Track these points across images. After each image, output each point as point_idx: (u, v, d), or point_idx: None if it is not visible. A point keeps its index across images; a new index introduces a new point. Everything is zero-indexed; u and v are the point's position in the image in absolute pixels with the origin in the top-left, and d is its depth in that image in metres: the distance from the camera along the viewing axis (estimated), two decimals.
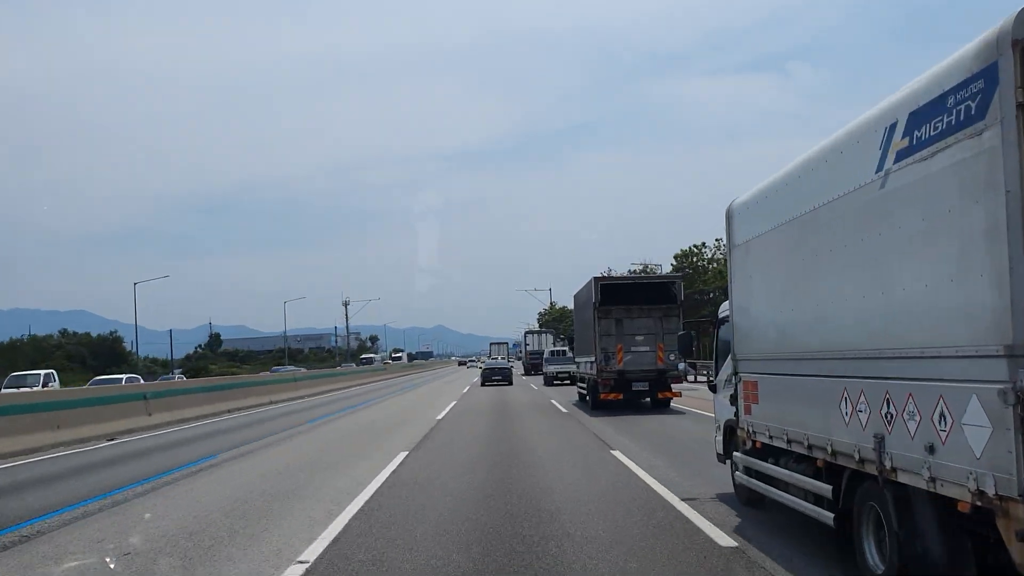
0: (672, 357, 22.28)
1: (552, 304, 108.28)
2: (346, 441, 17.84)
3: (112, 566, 7.36)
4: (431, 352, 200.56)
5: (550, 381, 45.04)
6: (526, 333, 71.95)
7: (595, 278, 22.60)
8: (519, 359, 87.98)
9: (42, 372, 37.73)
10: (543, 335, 69.78)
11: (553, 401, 30.71)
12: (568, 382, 44.00)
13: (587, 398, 27.70)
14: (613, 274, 69.24)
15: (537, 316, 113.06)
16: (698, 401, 25.15)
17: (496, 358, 69.02)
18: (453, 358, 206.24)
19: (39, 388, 31.61)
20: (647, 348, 22.27)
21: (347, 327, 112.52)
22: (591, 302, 22.57)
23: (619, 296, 22.67)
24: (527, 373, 64.54)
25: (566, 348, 53.02)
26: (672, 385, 22.89)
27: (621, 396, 22.55)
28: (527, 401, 30.62)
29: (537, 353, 62.29)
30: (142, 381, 35.04)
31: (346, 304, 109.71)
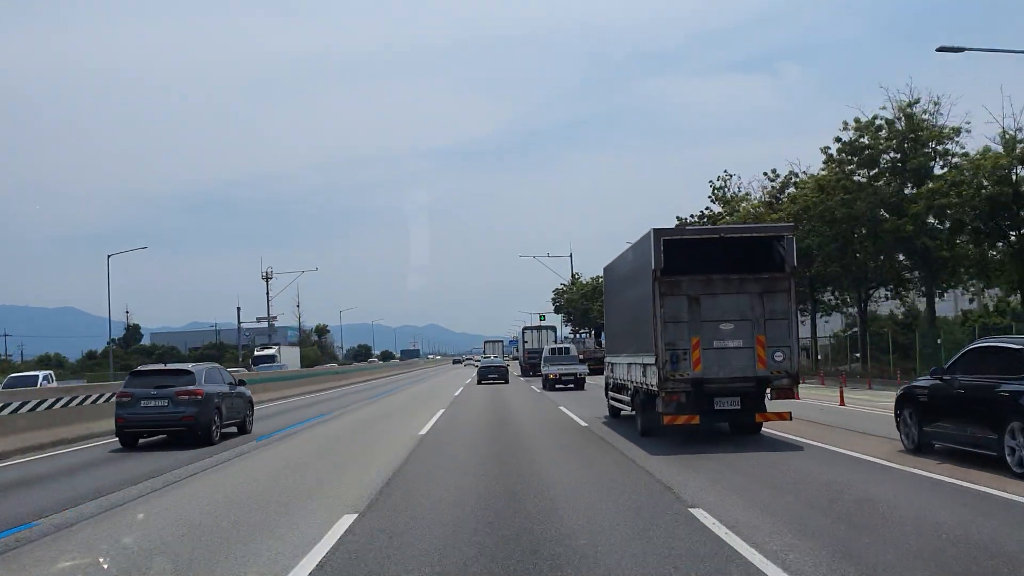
0: (779, 356, 13.94)
1: (575, 277, 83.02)
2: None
3: None
4: (418, 351, 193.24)
5: (551, 384, 36.68)
6: (524, 329, 63.77)
7: (655, 231, 14.17)
8: (515, 359, 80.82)
9: None
10: (543, 332, 61.91)
11: (566, 411, 22.37)
12: (572, 386, 35.80)
13: (622, 413, 19.38)
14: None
15: (551, 296, 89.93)
16: (805, 427, 16.74)
17: (490, 357, 64.10)
18: (432, 356, 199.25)
19: None
20: (739, 342, 13.92)
21: (268, 308, 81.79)
22: (648, 270, 14.22)
23: (694, 260, 14.32)
24: (525, 374, 56.99)
25: (569, 345, 44.66)
26: (773, 401, 14.58)
27: (697, 419, 14.18)
28: (535, 415, 22.22)
29: (536, 352, 54.47)
30: None
31: (267, 278, 79.63)
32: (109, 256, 56.45)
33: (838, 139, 38.92)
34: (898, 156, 37.71)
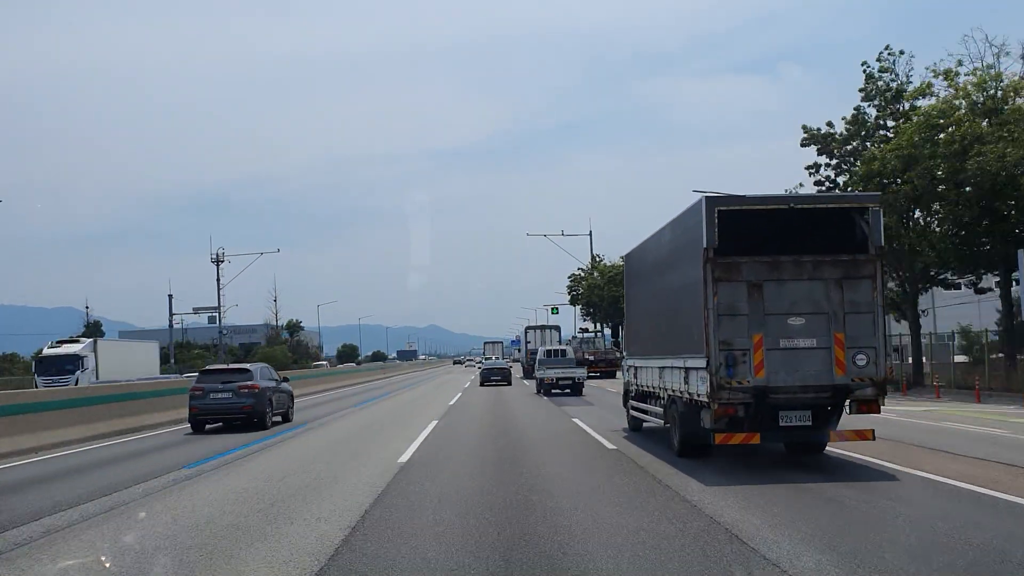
0: (862, 360, 11.01)
1: (596, 259, 68.48)
2: None
3: None
4: (415, 351, 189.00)
5: (546, 389, 33.51)
6: (527, 329, 60.60)
7: (708, 199, 11.21)
8: (516, 360, 77.92)
9: None
10: (547, 331, 58.74)
11: (578, 422, 19.36)
12: (568, 391, 32.65)
13: (645, 426, 16.55)
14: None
15: (567, 283, 75.18)
16: (883, 447, 13.67)
17: (492, 358, 61.32)
18: (424, 357, 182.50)
19: None
20: (812, 341, 11.00)
21: (218, 297, 64.54)
22: (696, 250, 11.32)
23: (755, 238, 11.47)
24: (527, 376, 54.17)
25: (566, 347, 41.50)
26: (851, 413, 11.64)
27: (758, 438, 11.24)
28: (546, 429, 19.32)
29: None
30: None
31: (218, 260, 63.58)
32: None
33: None
34: None
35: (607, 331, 70.40)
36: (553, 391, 33.25)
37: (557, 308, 73.53)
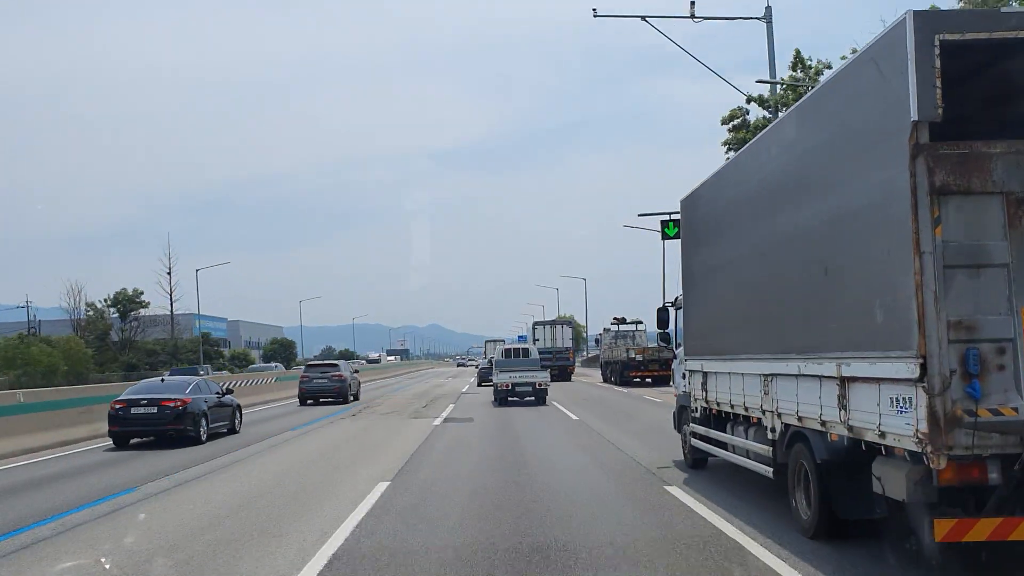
0: None
1: (801, 62, 25.73)
2: None
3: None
4: (407, 350, 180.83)
5: (502, 397, 26.87)
6: (534, 324, 54.00)
7: (917, 15, 5.31)
8: None
9: None
10: (558, 328, 52.09)
11: (630, 453, 13.18)
12: (532, 398, 26.34)
13: (700, 455, 10.70)
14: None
15: (726, 136, 28.43)
16: None
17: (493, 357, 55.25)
18: (376, 356, 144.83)
19: None
20: None
21: None
22: (892, 131, 5.42)
23: (1005, 107, 5.58)
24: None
25: (527, 345, 33.91)
26: None
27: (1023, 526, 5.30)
28: (579, 476, 13.38)
29: (549, 352, 44.85)
30: None
31: None
32: None
33: None
34: None
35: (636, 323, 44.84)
36: (511, 399, 26.58)
37: (673, 224, 24.67)
